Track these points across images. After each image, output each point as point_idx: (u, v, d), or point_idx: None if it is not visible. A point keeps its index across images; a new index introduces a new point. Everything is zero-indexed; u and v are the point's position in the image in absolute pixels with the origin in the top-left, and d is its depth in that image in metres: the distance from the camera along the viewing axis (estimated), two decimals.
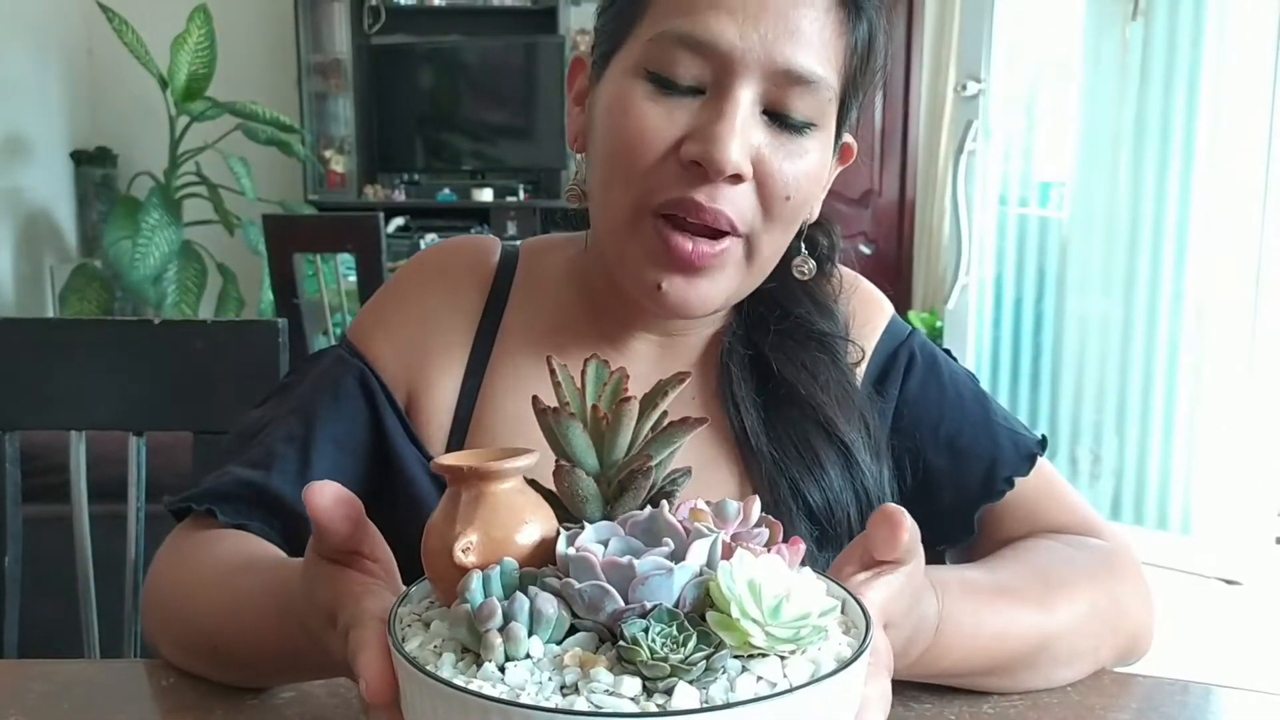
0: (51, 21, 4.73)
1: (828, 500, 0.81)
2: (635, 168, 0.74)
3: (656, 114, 0.73)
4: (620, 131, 0.74)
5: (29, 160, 4.59)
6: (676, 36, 0.72)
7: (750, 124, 0.72)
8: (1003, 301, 3.55)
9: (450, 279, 0.87)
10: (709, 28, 0.71)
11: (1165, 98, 3.14)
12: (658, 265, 0.75)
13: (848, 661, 0.47)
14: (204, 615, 0.72)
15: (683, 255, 0.73)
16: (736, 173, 0.72)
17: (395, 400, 0.84)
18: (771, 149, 0.74)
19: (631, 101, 0.74)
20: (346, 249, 3.00)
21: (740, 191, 0.73)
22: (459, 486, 0.52)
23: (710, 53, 0.72)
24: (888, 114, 5.29)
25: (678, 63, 0.72)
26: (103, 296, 4.28)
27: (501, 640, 0.46)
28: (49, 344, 1.10)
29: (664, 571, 0.47)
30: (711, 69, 0.72)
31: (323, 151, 5.16)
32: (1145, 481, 3.30)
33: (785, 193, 0.74)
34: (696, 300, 0.76)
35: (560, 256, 0.89)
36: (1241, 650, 2.74)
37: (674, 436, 0.53)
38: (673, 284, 0.75)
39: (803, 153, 0.75)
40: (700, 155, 0.71)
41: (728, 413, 0.84)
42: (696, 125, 0.72)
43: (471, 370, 0.85)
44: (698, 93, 0.73)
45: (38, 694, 0.72)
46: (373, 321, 0.87)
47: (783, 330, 0.85)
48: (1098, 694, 0.72)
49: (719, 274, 0.76)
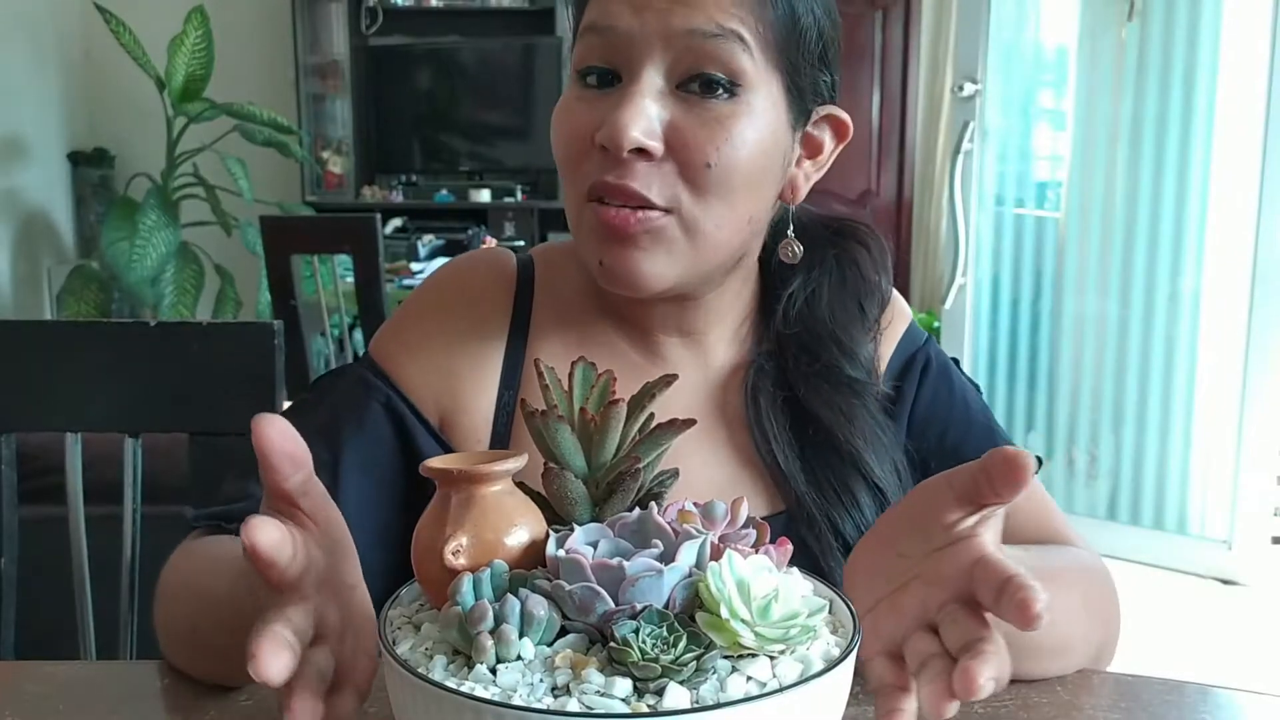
0: (49, 22, 4.73)
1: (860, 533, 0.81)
2: (570, 164, 0.78)
3: (580, 110, 0.77)
4: (555, 133, 0.79)
5: (26, 161, 4.59)
6: (588, 27, 0.76)
7: (657, 101, 0.74)
8: (1000, 301, 3.56)
9: (473, 298, 0.87)
10: (607, 13, 0.75)
11: (1161, 98, 3.15)
12: (597, 241, 0.77)
13: (836, 661, 0.48)
14: (191, 604, 0.73)
15: (609, 224, 0.75)
16: (637, 147, 0.73)
17: (428, 421, 0.83)
18: (687, 119, 0.74)
19: (565, 104, 0.78)
20: (344, 250, 2.99)
21: (653, 169, 0.74)
22: (449, 490, 0.52)
23: (612, 37, 0.75)
24: (885, 115, 5.30)
25: (591, 53, 0.76)
26: (100, 298, 4.28)
27: (493, 642, 0.46)
28: (45, 345, 1.10)
29: (654, 573, 0.48)
30: (620, 53, 0.75)
31: (320, 152, 5.16)
32: (1142, 481, 3.30)
33: (704, 160, 0.74)
34: (635, 270, 0.76)
35: (576, 269, 0.89)
36: (1239, 651, 2.74)
37: (662, 438, 0.53)
38: (610, 255, 0.76)
39: (725, 119, 0.74)
40: (603, 139, 0.74)
41: (752, 437, 0.84)
42: (606, 113, 0.75)
43: (506, 383, 0.85)
44: (616, 80, 0.76)
45: (33, 695, 0.73)
46: (396, 343, 0.86)
47: (816, 373, 0.85)
48: (1088, 693, 0.73)
49: (655, 249, 0.76)
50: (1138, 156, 3.20)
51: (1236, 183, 3.07)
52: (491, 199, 5.16)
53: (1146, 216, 3.20)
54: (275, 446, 0.50)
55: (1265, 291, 3.03)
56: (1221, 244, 3.12)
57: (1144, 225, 3.21)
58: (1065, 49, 3.45)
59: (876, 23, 5.25)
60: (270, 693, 0.72)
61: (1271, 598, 3.03)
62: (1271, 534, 3.16)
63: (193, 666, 0.74)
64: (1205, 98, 3.09)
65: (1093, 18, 3.29)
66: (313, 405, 0.85)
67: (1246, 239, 3.04)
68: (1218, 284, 3.13)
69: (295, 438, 0.50)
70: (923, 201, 5.20)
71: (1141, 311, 3.24)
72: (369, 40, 5.16)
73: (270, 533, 0.47)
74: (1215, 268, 3.14)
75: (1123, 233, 3.25)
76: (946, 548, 0.52)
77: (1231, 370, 3.11)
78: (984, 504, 0.51)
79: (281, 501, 0.51)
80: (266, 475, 0.50)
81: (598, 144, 0.74)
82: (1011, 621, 0.46)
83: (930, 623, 0.51)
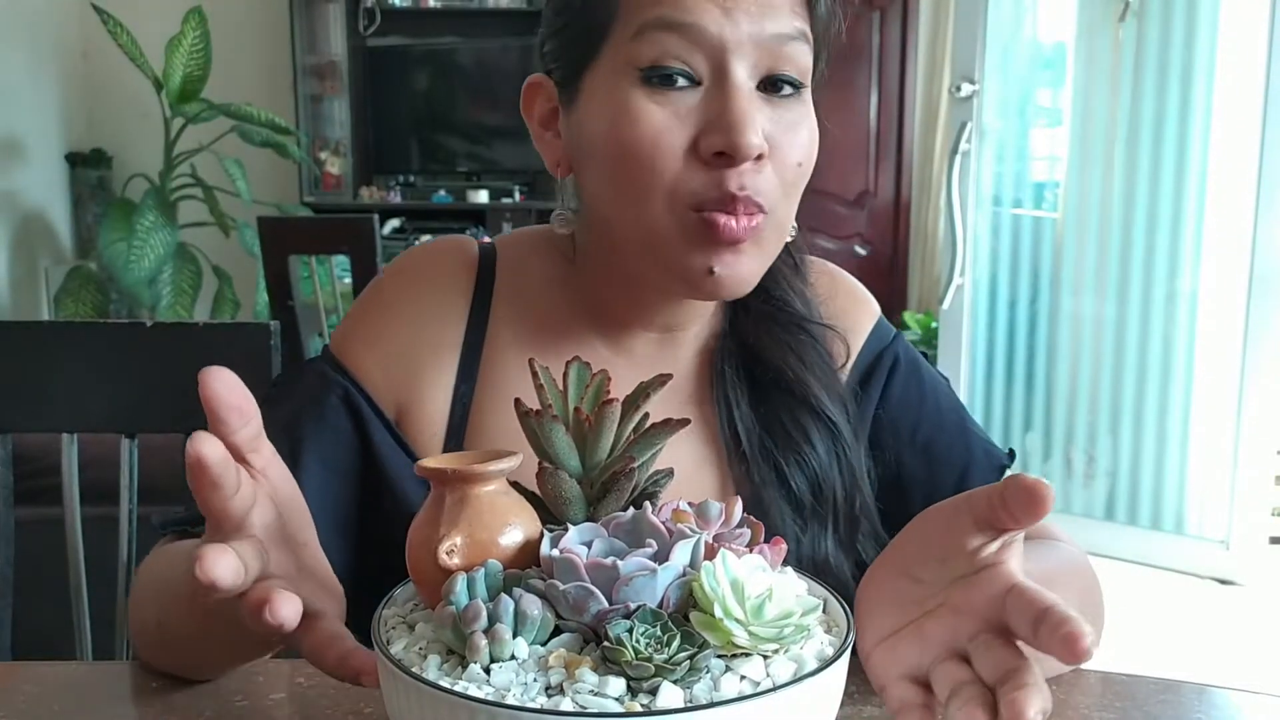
0: (46, 23, 4.73)
1: (815, 477, 0.82)
2: (657, 174, 0.73)
3: (662, 117, 0.72)
4: (631, 142, 0.73)
5: (24, 162, 4.59)
6: (663, 24, 0.72)
7: (754, 102, 0.73)
8: (997, 302, 3.56)
9: (432, 283, 0.86)
10: (692, 12, 0.71)
11: (1158, 98, 3.15)
12: (706, 250, 0.74)
13: (830, 660, 0.48)
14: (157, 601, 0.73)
15: (729, 233, 0.73)
16: (760, 153, 0.72)
17: (384, 414, 0.83)
18: (774, 122, 0.74)
19: (633, 109, 0.73)
20: (342, 251, 2.99)
21: (766, 171, 0.74)
22: (443, 489, 0.52)
23: (699, 36, 0.72)
24: (883, 115, 5.30)
25: (667, 52, 0.72)
26: (98, 299, 4.28)
27: (486, 642, 0.46)
28: (42, 346, 1.10)
29: (648, 572, 0.48)
30: (703, 54, 0.72)
31: (318, 153, 5.15)
32: (1140, 482, 3.30)
33: (797, 159, 0.75)
34: (747, 275, 0.76)
35: (543, 263, 0.88)
36: (1236, 651, 2.74)
37: (656, 438, 0.53)
38: (723, 264, 0.74)
39: (800, 118, 0.76)
40: (724, 145, 0.71)
41: (719, 415, 0.84)
42: (708, 117, 0.72)
43: (463, 375, 0.84)
44: (693, 84, 0.73)
45: (28, 695, 0.73)
46: (355, 334, 0.85)
47: (766, 314, 0.86)
48: (1083, 693, 0.73)
49: (761, 250, 0.76)
50: (1135, 156, 3.20)
51: (1234, 182, 3.07)
52: (489, 200, 5.16)
53: (1144, 216, 3.20)
54: (222, 399, 0.51)
55: (1262, 291, 3.03)
56: (1219, 244, 3.12)
57: (1141, 225, 3.21)
58: (1063, 49, 3.45)
59: (874, 23, 5.25)
60: (266, 693, 0.73)
61: (1269, 598, 3.04)
62: (1269, 534, 3.16)
63: (161, 660, 0.75)
64: (1202, 97, 3.09)
65: (1090, 17, 3.30)
66: (274, 400, 0.85)
67: (1244, 239, 3.05)
68: (1215, 284, 3.14)
69: (243, 391, 0.51)
70: (920, 202, 5.20)
71: (1139, 311, 3.25)
72: (367, 41, 5.16)
73: (215, 447, 0.48)
74: (1213, 267, 3.14)
75: (1120, 233, 3.25)
76: (972, 575, 0.51)
77: (1229, 370, 3.11)
78: (1004, 530, 0.51)
79: (233, 453, 0.51)
80: (214, 428, 0.51)
81: (707, 151, 0.72)
82: (1057, 655, 0.46)
83: (960, 651, 0.51)
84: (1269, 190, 2.99)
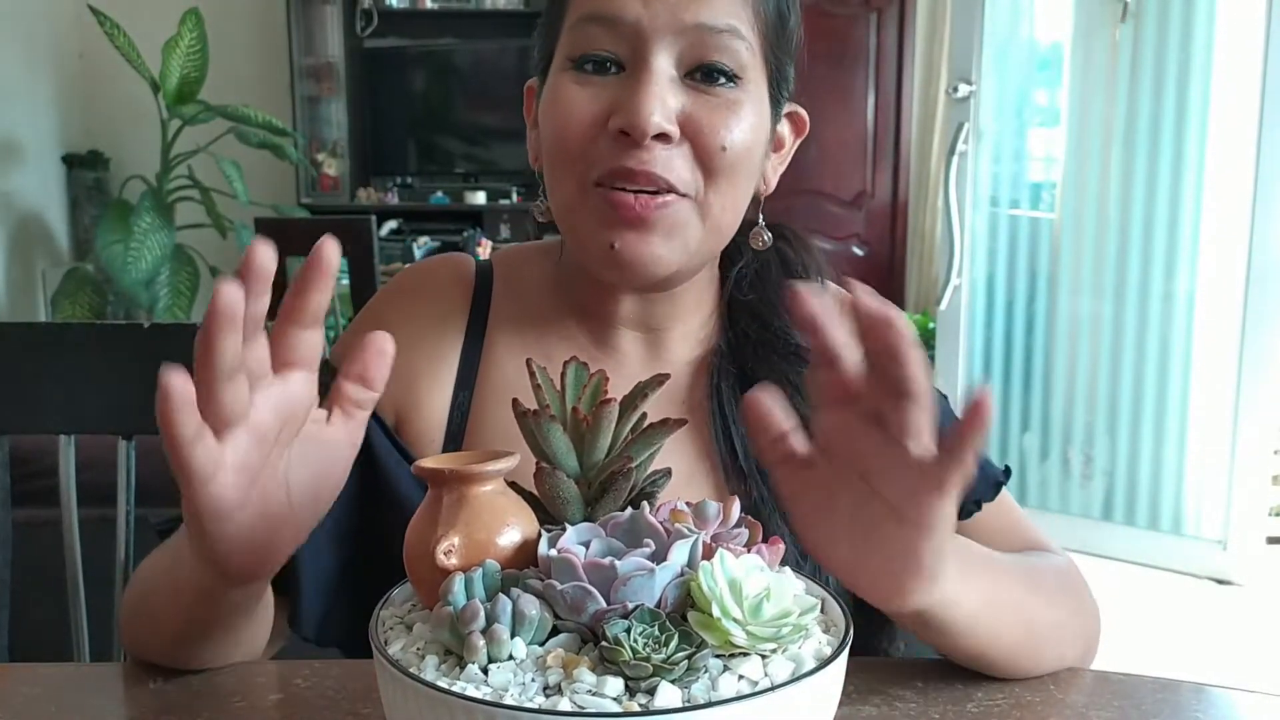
0: (43, 25, 4.73)
1: None
2: (571, 149, 0.77)
3: (582, 96, 0.76)
4: (554, 120, 0.77)
5: (21, 164, 4.58)
6: (588, 17, 0.76)
7: (670, 88, 0.75)
8: (995, 302, 3.56)
9: (430, 298, 0.88)
10: (611, 3, 0.75)
11: (1155, 99, 3.15)
12: (607, 226, 0.77)
13: (828, 659, 0.48)
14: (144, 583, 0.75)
15: (628, 210, 0.75)
16: (660, 133, 0.74)
17: (382, 420, 0.84)
18: (698, 106, 0.76)
19: (561, 91, 0.77)
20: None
21: (674, 153, 0.75)
22: (440, 490, 0.52)
23: (620, 26, 0.75)
24: (880, 116, 5.30)
25: (593, 42, 0.76)
26: (95, 300, 4.28)
27: (484, 642, 0.46)
28: (39, 347, 1.10)
29: (645, 572, 0.48)
30: (626, 42, 0.75)
31: (315, 155, 5.15)
32: (1137, 482, 3.31)
33: (720, 143, 0.76)
34: (650, 256, 0.77)
35: (538, 268, 0.91)
36: (1234, 650, 2.74)
37: (654, 438, 0.53)
38: (624, 240, 0.76)
39: (731, 105, 0.77)
40: (624, 123, 0.74)
41: (714, 431, 0.85)
42: (618, 98, 0.75)
43: (461, 383, 0.86)
44: (618, 69, 0.76)
45: (25, 696, 0.72)
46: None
47: (765, 343, 0.86)
48: (1081, 692, 0.73)
49: (671, 233, 0.77)
50: (1132, 157, 3.20)
51: (1230, 183, 3.07)
52: (487, 201, 5.16)
53: (1141, 217, 3.20)
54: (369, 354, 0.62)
55: (1259, 291, 3.03)
56: (1216, 244, 3.12)
57: (1138, 226, 3.21)
58: (1060, 49, 3.45)
59: (871, 24, 5.26)
60: (264, 695, 0.72)
61: (1267, 598, 3.04)
62: (1266, 534, 3.17)
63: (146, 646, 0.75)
64: (1199, 98, 3.09)
65: (1087, 18, 3.30)
66: None
67: (1240, 239, 3.05)
68: (1212, 284, 3.14)
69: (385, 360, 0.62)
70: (918, 203, 5.20)
71: (1136, 312, 3.25)
72: (364, 42, 5.16)
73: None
74: (1210, 268, 3.14)
75: (1117, 233, 3.25)
76: None
77: (1226, 370, 3.11)
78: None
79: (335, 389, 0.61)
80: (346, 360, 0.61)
81: (612, 129, 0.75)
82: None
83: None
84: (1265, 190, 3.00)
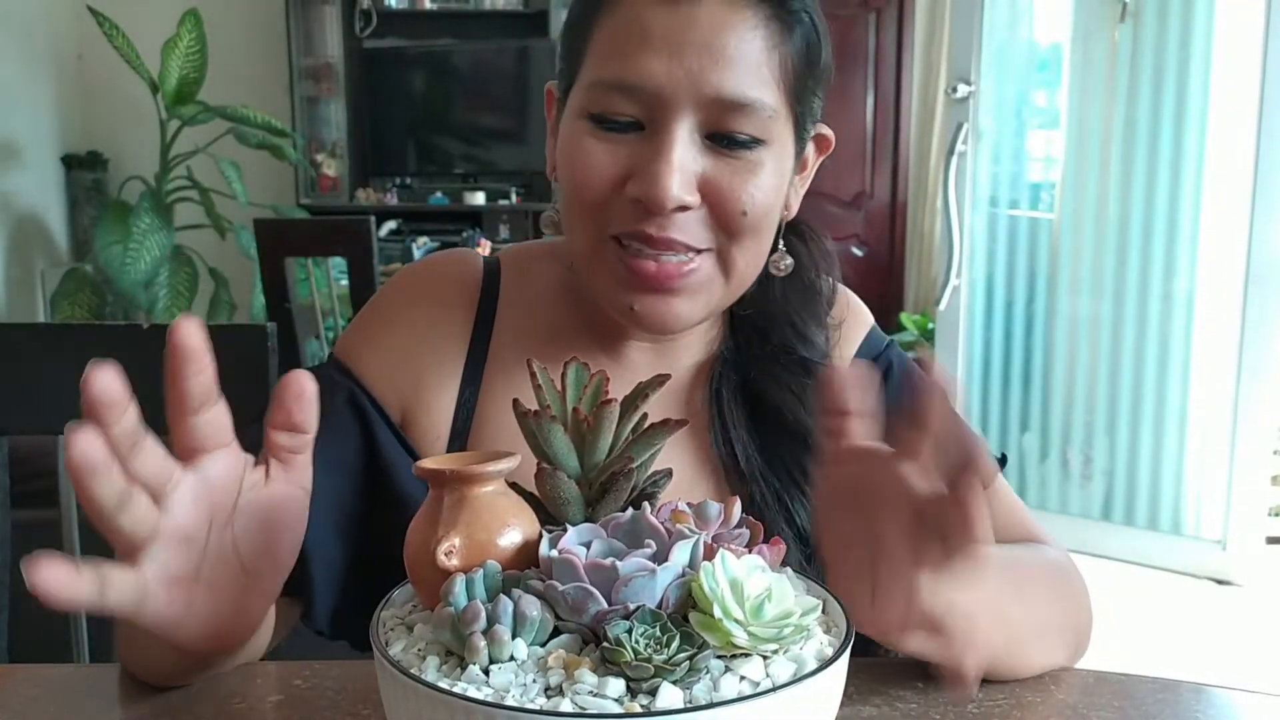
0: (42, 25, 4.72)
1: None
2: (587, 203, 0.76)
3: (600, 151, 0.75)
4: (571, 170, 0.77)
5: (19, 165, 4.58)
6: (608, 83, 0.74)
7: (690, 154, 0.74)
8: (994, 303, 3.56)
9: (437, 294, 0.88)
10: (637, 70, 0.73)
11: (1154, 99, 3.15)
12: (626, 288, 0.77)
13: (830, 660, 0.48)
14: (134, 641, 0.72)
15: (648, 277, 0.76)
16: (679, 205, 0.74)
17: (389, 416, 0.84)
18: (719, 170, 0.75)
19: (577, 140, 0.76)
20: (338, 253, 3.00)
21: (692, 217, 0.75)
22: (441, 490, 0.52)
23: (641, 94, 0.74)
24: (879, 117, 5.30)
25: (613, 105, 0.75)
26: (94, 301, 4.28)
27: (485, 643, 0.46)
28: (38, 348, 1.10)
29: (647, 573, 0.47)
30: (645, 107, 0.74)
31: (314, 155, 5.15)
32: (1137, 482, 3.31)
33: (740, 208, 0.76)
34: (672, 317, 0.78)
35: (547, 269, 0.90)
36: (1233, 651, 2.74)
37: (654, 438, 0.53)
38: (644, 304, 0.77)
39: (753, 167, 0.76)
40: (641, 194, 0.73)
41: (713, 435, 0.85)
42: (637, 163, 0.74)
43: (467, 381, 0.85)
44: (638, 127, 0.75)
45: (25, 698, 0.72)
46: (361, 339, 0.87)
47: (768, 355, 0.86)
48: (1080, 692, 0.73)
49: (694, 290, 0.78)
50: (1131, 158, 3.20)
51: (1229, 184, 3.07)
52: (486, 201, 5.16)
53: (1140, 217, 3.20)
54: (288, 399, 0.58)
55: (1258, 292, 3.04)
56: (1215, 245, 3.12)
57: (1137, 226, 3.21)
58: (1059, 50, 3.46)
59: (870, 24, 5.26)
60: (264, 695, 0.72)
61: (1266, 598, 3.04)
62: (1266, 534, 3.17)
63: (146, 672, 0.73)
64: (1198, 98, 3.09)
65: (1086, 19, 3.30)
66: None
67: (1239, 240, 3.05)
68: (1211, 284, 3.14)
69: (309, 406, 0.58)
70: (917, 203, 5.20)
71: (1135, 312, 3.25)
72: (363, 43, 5.16)
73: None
74: (1209, 268, 3.14)
75: (1116, 234, 3.25)
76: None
77: (1225, 370, 3.11)
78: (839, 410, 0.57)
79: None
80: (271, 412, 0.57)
81: (630, 195, 0.74)
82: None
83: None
84: (1264, 191, 3.00)
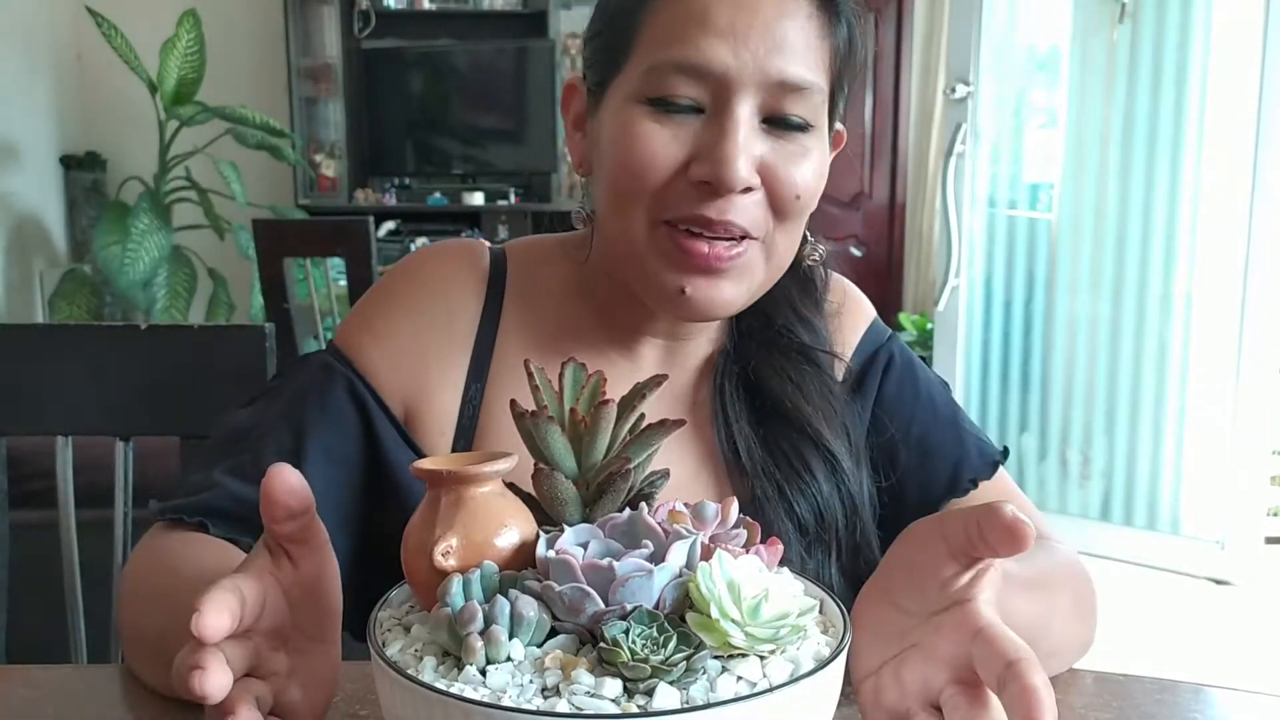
0: (40, 26, 4.72)
1: (817, 507, 0.83)
2: (645, 189, 0.76)
3: (661, 136, 0.75)
4: (627, 156, 0.76)
5: (18, 165, 4.58)
6: (673, 65, 0.74)
7: (752, 136, 0.75)
8: (993, 303, 3.56)
9: (443, 285, 0.86)
10: (702, 52, 0.73)
11: (1153, 99, 3.15)
12: (678, 270, 0.77)
13: (826, 660, 0.48)
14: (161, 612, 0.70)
15: (701, 258, 0.76)
16: (747, 186, 0.74)
17: (390, 409, 0.83)
18: (775, 154, 0.76)
19: (635, 126, 0.75)
20: (337, 253, 2.99)
21: (751, 201, 0.76)
22: (438, 490, 0.52)
23: (707, 75, 0.74)
24: (878, 117, 5.30)
25: (675, 88, 0.75)
26: (92, 302, 4.28)
27: (482, 643, 0.46)
28: (36, 349, 1.10)
29: (644, 573, 0.47)
30: (709, 89, 0.74)
31: (313, 156, 5.15)
32: (1135, 482, 3.31)
33: (794, 193, 0.77)
34: (720, 300, 0.78)
35: (558, 267, 0.89)
36: (1231, 651, 2.74)
37: (652, 439, 0.53)
38: (695, 286, 0.77)
39: (804, 152, 0.77)
40: (710, 175, 0.74)
41: (716, 429, 0.85)
42: (702, 145, 0.74)
43: (474, 376, 0.84)
44: (697, 111, 0.75)
45: (23, 699, 0.72)
46: (362, 329, 0.85)
47: (768, 341, 0.87)
48: (1080, 693, 0.73)
49: (741, 277, 0.78)
50: (1129, 158, 3.20)
51: (1228, 184, 3.07)
52: (485, 202, 5.16)
53: (1138, 218, 3.21)
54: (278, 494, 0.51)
55: (1257, 292, 3.04)
56: (1213, 245, 3.12)
57: (1136, 226, 3.21)
58: (1057, 51, 3.46)
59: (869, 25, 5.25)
60: None
61: (1264, 598, 3.04)
62: (1264, 534, 3.17)
63: (156, 677, 0.72)
64: (1197, 99, 3.09)
65: (1084, 19, 3.30)
66: (276, 391, 0.85)
67: (1238, 239, 3.05)
68: (1210, 284, 3.14)
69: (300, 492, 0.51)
70: (915, 204, 5.21)
71: (1134, 312, 3.25)
72: (362, 43, 5.16)
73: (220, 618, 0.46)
74: (1207, 268, 3.14)
75: (1115, 234, 3.26)
76: (944, 613, 0.51)
77: (1224, 371, 3.11)
78: (976, 560, 0.51)
79: (273, 539, 0.52)
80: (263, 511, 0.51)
81: (694, 178, 0.74)
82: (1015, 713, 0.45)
83: (933, 702, 0.51)
84: (1263, 191, 3.00)
